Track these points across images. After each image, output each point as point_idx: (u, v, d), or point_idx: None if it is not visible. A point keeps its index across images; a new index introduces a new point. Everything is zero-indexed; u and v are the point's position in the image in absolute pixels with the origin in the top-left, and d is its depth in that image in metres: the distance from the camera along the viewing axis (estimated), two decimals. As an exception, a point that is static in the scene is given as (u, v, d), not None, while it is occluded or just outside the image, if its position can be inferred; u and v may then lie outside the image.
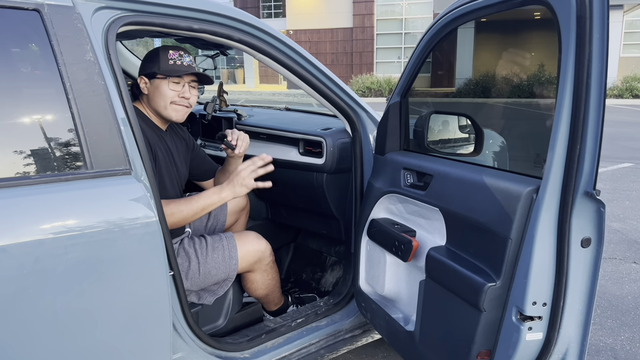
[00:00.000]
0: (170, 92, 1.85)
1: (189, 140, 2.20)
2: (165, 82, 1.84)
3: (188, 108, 1.92)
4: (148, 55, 1.90)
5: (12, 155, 1.26)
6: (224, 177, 2.24)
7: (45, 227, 1.24)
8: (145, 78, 1.87)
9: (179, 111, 1.89)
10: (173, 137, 2.06)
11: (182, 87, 1.87)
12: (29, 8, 1.29)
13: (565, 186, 1.30)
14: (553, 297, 1.38)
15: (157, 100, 1.86)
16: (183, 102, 1.88)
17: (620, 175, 6.35)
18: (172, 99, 1.86)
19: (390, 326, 1.95)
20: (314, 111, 2.99)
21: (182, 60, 1.86)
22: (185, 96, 1.88)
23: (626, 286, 3.27)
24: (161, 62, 1.84)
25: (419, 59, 1.87)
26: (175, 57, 1.85)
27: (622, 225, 4.44)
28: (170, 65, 1.84)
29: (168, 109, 1.87)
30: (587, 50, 1.22)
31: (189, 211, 1.80)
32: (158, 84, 1.85)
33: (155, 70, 1.84)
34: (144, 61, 1.90)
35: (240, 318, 2.14)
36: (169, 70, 1.83)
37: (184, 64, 1.86)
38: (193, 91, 1.92)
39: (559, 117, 1.28)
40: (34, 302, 1.23)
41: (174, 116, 1.89)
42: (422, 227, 1.84)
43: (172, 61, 1.84)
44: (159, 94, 1.86)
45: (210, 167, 2.29)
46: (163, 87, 1.85)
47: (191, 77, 1.89)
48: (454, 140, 2.19)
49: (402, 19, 22.14)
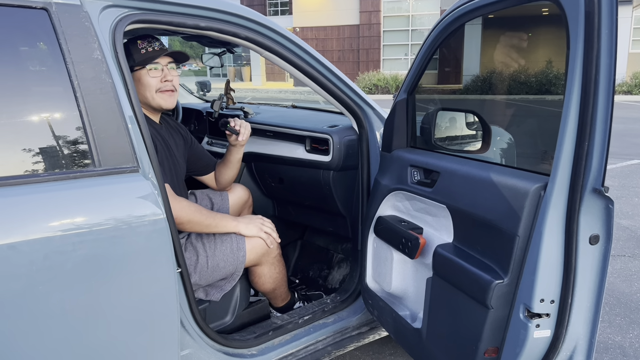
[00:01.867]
0: (152, 79, 1.87)
1: (186, 134, 2.21)
2: (144, 72, 1.86)
3: (174, 91, 1.93)
4: None
5: (20, 153, 1.27)
6: (225, 168, 2.28)
7: (53, 224, 1.25)
8: None
9: (166, 99, 1.91)
10: (169, 131, 2.08)
11: (161, 71, 1.89)
12: (37, 7, 1.30)
13: (573, 183, 1.29)
14: (561, 295, 1.38)
15: (143, 92, 1.88)
16: (167, 86, 1.90)
17: (629, 172, 6.30)
18: (157, 87, 1.88)
19: (397, 323, 1.95)
20: (321, 108, 2.99)
21: (153, 46, 1.88)
22: (168, 79, 1.89)
23: (635, 283, 3.25)
24: (134, 54, 1.85)
25: (426, 55, 1.86)
26: (144, 45, 1.87)
27: (631, 222, 4.41)
28: (143, 54, 1.85)
29: (155, 98, 1.89)
30: (595, 46, 1.21)
31: (202, 217, 1.88)
32: (139, 76, 1.87)
33: (132, 63, 1.84)
34: None
35: (247, 315, 2.15)
36: (144, 58, 1.85)
37: (156, 49, 1.88)
38: (173, 72, 1.93)
39: (567, 113, 1.27)
40: (43, 298, 1.24)
41: (163, 104, 1.91)
42: (429, 225, 1.83)
43: (144, 49, 1.86)
44: (143, 86, 1.87)
45: (209, 161, 2.31)
46: (144, 77, 1.86)
47: (167, 59, 1.90)
48: (461, 137, 2.19)
49: (409, 15, 22.04)
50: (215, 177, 2.34)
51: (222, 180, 2.32)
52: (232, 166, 2.26)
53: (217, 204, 2.33)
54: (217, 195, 2.36)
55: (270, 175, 2.70)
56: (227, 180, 2.31)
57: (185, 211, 1.81)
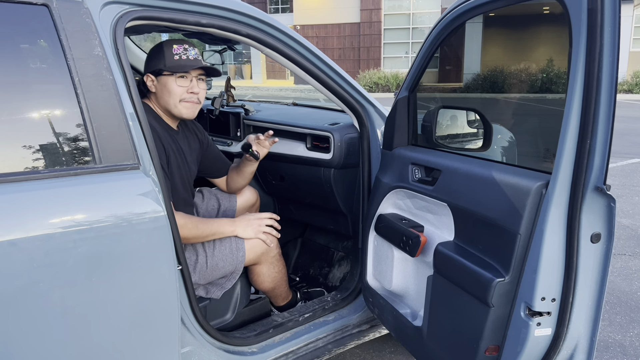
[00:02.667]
0: (179, 88, 1.84)
1: (203, 137, 2.18)
2: (172, 79, 1.83)
3: (198, 104, 1.90)
4: (152, 51, 1.88)
5: (21, 150, 1.26)
6: (237, 177, 2.26)
7: (54, 221, 1.25)
8: (151, 76, 1.86)
9: (189, 108, 1.88)
10: (186, 135, 2.05)
11: (189, 82, 1.86)
12: (37, 3, 1.30)
13: (575, 181, 1.28)
14: (562, 293, 1.37)
15: (166, 98, 1.85)
16: (192, 97, 1.87)
17: (630, 170, 6.29)
18: (181, 96, 1.85)
19: (397, 321, 1.95)
20: (322, 106, 2.99)
21: (188, 54, 1.84)
22: (194, 91, 1.86)
23: (635, 282, 3.25)
24: (166, 58, 1.82)
25: (427, 53, 1.86)
26: (180, 51, 1.83)
27: (632, 221, 4.40)
28: (176, 61, 1.82)
29: (178, 106, 1.86)
30: (598, 44, 1.20)
31: (199, 232, 1.85)
32: (165, 81, 1.84)
33: (161, 67, 1.82)
34: (149, 58, 1.88)
35: (248, 312, 2.15)
36: (175, 65, 1.81)
37: (190, 58, 1.84)
38: (201, 84, 1.90)
39: (569, 111, 1.27)
40: (43, 295, 1.24)
41: (184, 113, 1.88)
42: (430, 223, 1.83)
43: (178, 56, 1.82)
44: (167, 92, 1.84)
45: (223, 164, 2.29)
46: (170, 83, 1.83)
47: (198, 70, 1.87)
48: (462, 135, 2.18)
49: (409, 13, 22.01)
50: (226, 181, 2.33)
51: (233, 187, 2.32)
52: (245, 177, 2.26)
53: (224, 205, 2.32)
54: (225, 196, 2.35)
55: (271, 172, 2.70)
56: (237, 187, 2.31)
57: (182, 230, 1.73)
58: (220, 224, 1.94)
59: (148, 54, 1.90)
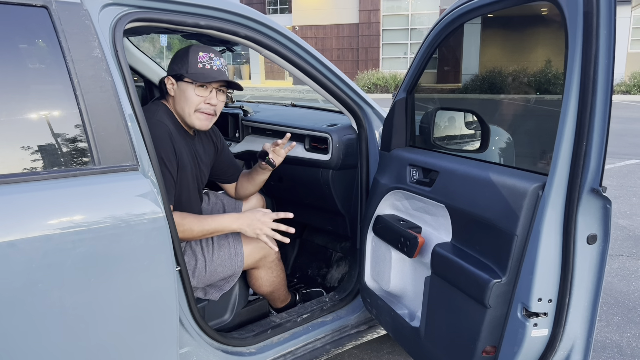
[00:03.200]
0: (197, 97, 1.79)
1: (218, 142, 2.15)
2: (191, 87, 1.78)
3: (213, 116, 1.86)
4: (177, 55, 1.84)
5: (20, 151, 1.27)
6: (247, 184, 2.23)
7: (53, 222, 1.25)
8: (172, 79, 1.82)
9: (202, 120, 1.83)
10: (202, 139, 2.03)
11: (209, 92, 1.81)
12: (37, 4, 1.30)
13: (571, 183, 1.29)
14: (559, 294, 1.38)
15: (182, 104, 1.82)
16: (208, 109, 1.82)
17: (627, 171, 6.31)
18: (197, 106, 1.81)
19: (395, 322, 1.95)
20: (320, 107, 2.99)
21: (212, 64, 1.79)
22: (212, 102, 1.82)
23: (633, 283, 3.26)
24: (190, 64, 1.77)
25: (425, 55, 1.86)
26: (205, 60, 1.78)
27: (629, 222, 4.42)
28: (199, 69, 1.77)
29: (192, 116, 1.82)
30: (594, 46, 1.21)
31: (199, 231, 1.80)
32: (184, 88, 1.80)
33: (183, 72, 1.78)
34: (173, 61, 1.84)
35: (246, 313, 2.15)
36: (197, 74, 1.77)
37: (214, 69, 1.79)
38: (220, 97, 1.85)
39: (566, 113, 1.27)
40: (42, 296, 1.24)
41: (197, 124, 1.84)
42: (428, 224, 1.84)
43: (202, 64, 1.78)
44: (185, 99, 1.80)
45: (235, 170, 2.26)
46: (189, 91, 1.79)
47: (220, 82, 1.83)
48: (460, 136, 2.19)
49: (408, 14, 22.03)
50: (235, 187, 2.30)
51: (242, 193, 2.28)
52: (256, 184, 2.22)
53: (229, 210, 2.30)
54: (231, 201, 2.33)
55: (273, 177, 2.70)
56: (246, 194, 2.28)
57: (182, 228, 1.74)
58: (220, 221, 1.85)
59: (173, 57, 1.86)
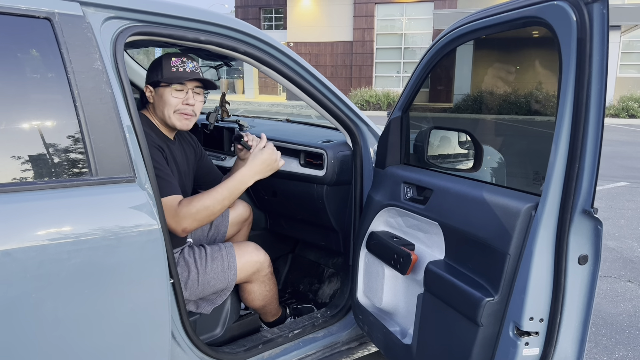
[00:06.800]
0: (174, 99, 1.86)
1: (197, 148, 2.20)
2: (168, 90, 1.85)
3: (193, 116, 1.92)
4: (152, 64, 1.91)
5: (18, 161, 1.27)
6: None
7: (49, 232, 1.25)
8: (150, 87, 1.89)
9: (182, 120, 1.89)
10: (182, 146, 2.07)
11: (185, 93, 1.88)
12: (40, 16, 1.31)
13: (563, 204, 1.32)
14: (550, 313, 1.40)
15: (161, 108, 1.88)
16: (187, 109, 1.88)
17: (616, 193, 6.38)
18: (176, 107, 1.87)
19: (387, 339, 1.95)
20: (315, 123, 3.02)
21: (185, 67, 1.87)
22: (189, 102, 1.88)
23: (621, 304, 3.28)
24: (164, 70, 1.85)
25: (420, 76, 1.89)
26: (177, 64, 1.86)
27: (618, 243, 4.46)
28: (173, 73, 1.85)
29: (172, 117, 1.88)
30: (587, 71, 1.24)
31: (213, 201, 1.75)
32: (162, 92, 1.86)
33: (159, 78, 1.85)
34: (149, 70, 1.91)
35: (237, 328, 2.14)
36: (172, 77, 1.85)
37: (187, 70, 1.87)
38: (198, 97, 1.92)
39: (559, 135, 1.30)
40: (35, 306, 1.24)
41: (178, 125, 1.90)
42: (421, 241, 1.85)
43: (175, 68, 1.85)
44: (163, 103, 1.87)
45: (216, 176, 2.29)
46: (166, 95, 1.86)
47: (195, 83, 1.89)
48: (453, 155, 2.22)
49: (401, 34, 22.31)
50: None
51: None
52: None
53: (217, 219, 2.31)
54: None
55: (264, 188, 2.71)
56: None
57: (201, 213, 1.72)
58: (238, 185, 1.82)
59: (149, 67, 1.93)
